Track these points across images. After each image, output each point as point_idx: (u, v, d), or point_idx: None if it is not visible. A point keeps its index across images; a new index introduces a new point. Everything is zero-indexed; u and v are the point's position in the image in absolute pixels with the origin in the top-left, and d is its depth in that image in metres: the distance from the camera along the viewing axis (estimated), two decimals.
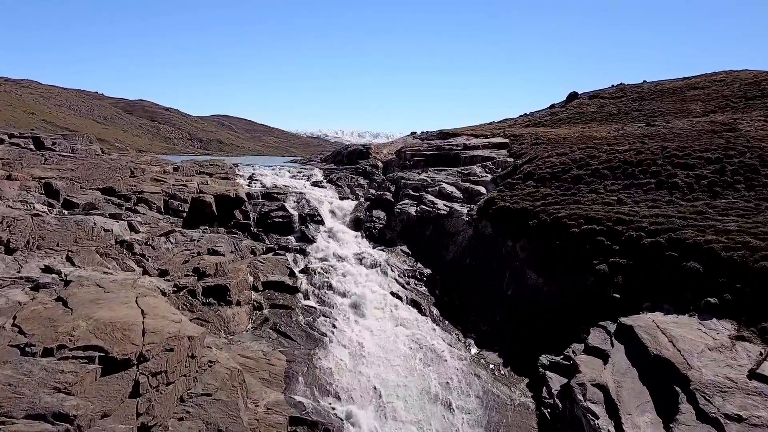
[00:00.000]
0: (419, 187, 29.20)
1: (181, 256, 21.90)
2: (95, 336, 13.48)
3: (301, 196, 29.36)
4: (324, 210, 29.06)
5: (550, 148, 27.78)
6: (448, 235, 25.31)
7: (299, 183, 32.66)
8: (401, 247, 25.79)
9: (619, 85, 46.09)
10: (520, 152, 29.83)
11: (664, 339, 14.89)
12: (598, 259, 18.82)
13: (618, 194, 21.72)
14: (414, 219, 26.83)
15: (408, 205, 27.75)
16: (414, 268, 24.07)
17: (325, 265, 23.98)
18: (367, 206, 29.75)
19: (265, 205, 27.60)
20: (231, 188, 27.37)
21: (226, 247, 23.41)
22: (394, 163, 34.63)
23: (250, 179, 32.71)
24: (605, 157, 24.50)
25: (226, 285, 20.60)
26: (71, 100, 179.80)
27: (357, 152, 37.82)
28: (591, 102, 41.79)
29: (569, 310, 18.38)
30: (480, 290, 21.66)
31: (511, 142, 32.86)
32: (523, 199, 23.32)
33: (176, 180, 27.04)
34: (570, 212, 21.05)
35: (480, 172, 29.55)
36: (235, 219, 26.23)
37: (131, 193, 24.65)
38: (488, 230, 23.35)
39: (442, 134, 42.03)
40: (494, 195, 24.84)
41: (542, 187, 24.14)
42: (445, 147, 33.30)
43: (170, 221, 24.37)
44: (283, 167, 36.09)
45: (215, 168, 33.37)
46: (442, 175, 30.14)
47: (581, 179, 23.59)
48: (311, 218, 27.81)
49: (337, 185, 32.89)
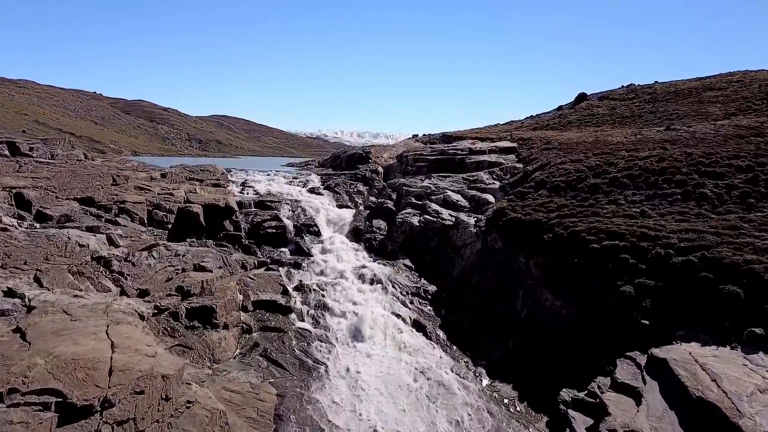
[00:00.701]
0: (422, 195, 27.38)
1: (164, 273, 20.07)
2: (53, 377, 11.67)
3: (296, 204, 27.55)
4: (321, 219, 27.24)
5: (563, 154, 25.96)
6: (455, 248, 23.48)
7: (295, 190, 30.85)
8: (404, 261, 23.97)
9: (629, 86, 44.29)
10: (529, 158, 28.01)
11: (705, 377, 13.06)
12: (622, 280, 17.01)
13: (641, 206, 19.90)
14: (417, 230, 25.01)
15: (410, 215, 25.94)
16: (418, 284, 22.24)
17: (321, 281, 22.16)
18: (367, 215, 27.93)
19: (258, 215, 25.77)
20: (221, 197, 25.54)
21: (213, 262, 21.59)
22: (396, 168, 32.80)
23: (243, 186, 30.92)
24: (624, 165, 22.68)
25: (212, 306, 18.78)
26: (68, 100, 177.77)
27: (356, 157, 35.98)
28: (601, 104, 39.97)
29: (591, 336, 16.57)
30: (490, 311, 19.84)
31: (519, 146, 31.05)
32: (536, 210, 21.50)
33: (162, 188, 25.21)
34: (589, 226, 19.24)
35: (487, 179, 27.73)
36: (224, 230, 24.40)
37: (112, 203, 22.82)
38: (498, 244, 21.53)
39: (445, 137, 40.22)
40: (504, 205, 23.02)
41: (556, 196, 22.32)
42: (449, 151, 31.47)
43: (154, 234, 22.53)
44: (278, 172, 34.28)
45: (206, 174, 31.57)
46: (447, 181, 28.33)
47: (599, 188, 21.77)
48: (307, 229, 25.99)
49: (335, 192, 31.07)
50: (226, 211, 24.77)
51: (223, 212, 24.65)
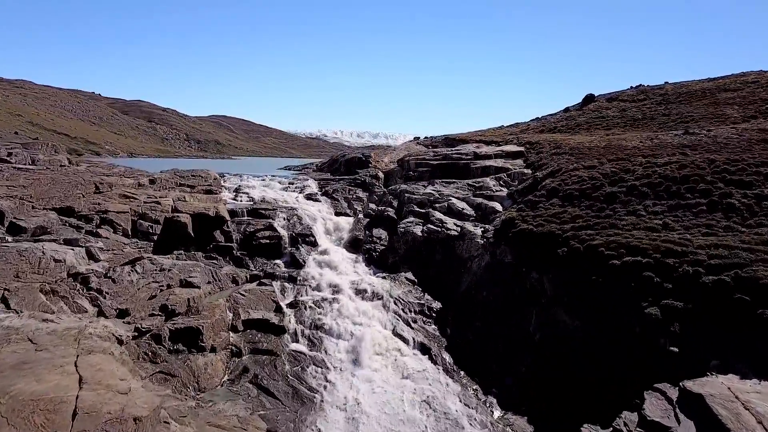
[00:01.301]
0: (425, 203, 25.87)
1: (147, 290, 18.56)
2: (8, 421, 10.14)
3: (292, 212, 26.02)
4: (318, 228, 25.72)
5: (575, 160, 24.46)
6: (460, 260, 21.98)
7: (291, 196, 29.32)
8: (406, 274, 22.45)
9: (638, 87, 42.79)
10: (539, 163, 26.50)
11: (749, 418, 11.56)
12: (646, 301, 15.52)
13: (663, 217, 18.40)
14: (420, 240, 23.50)
15: (413, 224, 24.42)
16: (421, 301, 20.73)
17: (317, 297, 20.65)
18: (367, 224, 26.42)
19: (251, 224, 24.24)
20: (211, 205, 24.01)
21: (202, 277, 20.08)
22: (397, 173, 31.29)
23: (236, 192, 29.41)
24: (642, 172, 21.18)
25: (198, 327, 17.29)
26: (65, 100, 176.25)
27: (356, 161, 34.45)
28: (610, 105, 38.49)
29: (614, 363, 15.07)
30: (501, 332, 18.34)
31: (527, 150, 29.54)
32: (549, 221, 20.00)
33: (149, 196, 23.69)
34: (607, 239, 17.75)
35: (494, 186, 26.22)
36: (215, 241, 22.88)
37: (94, 213, 21.30)
38: (508, 257, 20.02)
39: (448, 140, 38.74)
40: (513, 215, 21.51)
41: (570, 206, 20.82)
42: (453, 156, 29.96)
43: (138, 246, 21.02)
44: (273, 177, 32.77)
45: (198, 179, 30.04)
46: (451, 188, 26.81)
47: (616, 198, 20.27)
48: (303, 239, 24.47)
49: (333, 199, 29.55)
50: (217, 221, 23.25)
51: (213, 222, 23.13)
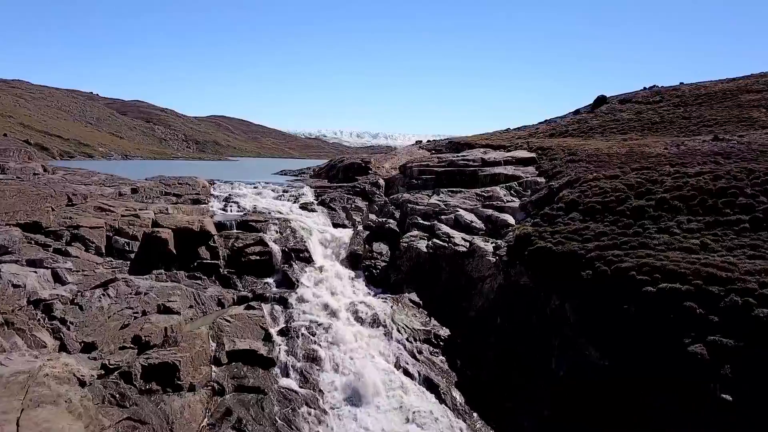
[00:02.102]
0: (430, 214, 23.79)
1: (119, 317, 16.48)
2: None
3: (285, 224, 23.94)
4: (313, 242, 23.65)
5: (594, 168, 22.41)
6: (470, 280, 19.90)
7: (285, 206, 27.25)
8: (409, 295, 20.38)
9: (652, 88, 40.77)
10: (553, 171, 24.43)
11: None
12: (689, 336, 13.45)
13: (700, 236, 16.34)
14: (425, 257, 21.43)
15: (417, 238, 22.34)
16: (427, 327, 18.66)
17: (311, 322, 18.57)
18: (367, 237, 24.33)
19: (240, 239, 22.15)
20: (196, 218, 21.91)
21: (182, 301, 18.01)
22: (398, 181, 29.22)
23: (226, 201, 27.33)
24: (672, 183, 19.13)
25: (175, 362, 15.20)
26: (62, 101, 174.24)
27: (354, 167, 32.38)
28: (624, 107, 36.46)
29: (653, 412, 12.98)
30: (518, 365, 16.27)
31: (538, 156, 27.47)
32: (569, 239, 17.94)
33: (127, 209, 21.58)
34: (638, 262, 15.68)
35: (504, 196, 24.14)
36: (199, 258, 20.79)
37: (64, 228, 19.21)
38: (524, 279, 17.95)
39: (452, 144, 36.66)
40: (528, 230, 19.43)
41: (592, 221, 18.75)
42: (459, 162, 27.89)
43: (112, 266, 18.94)
44: (267, 185, 30.68)
45: (185, 188, 27.95)
46: (458, 198, 24.73)
47: (644, 213, 18.20)
48: (297, 254, 22.40)
49: (331, 208, 27.48)
50: (202, 236, 21.16)
51: (197, 237, 21.04)
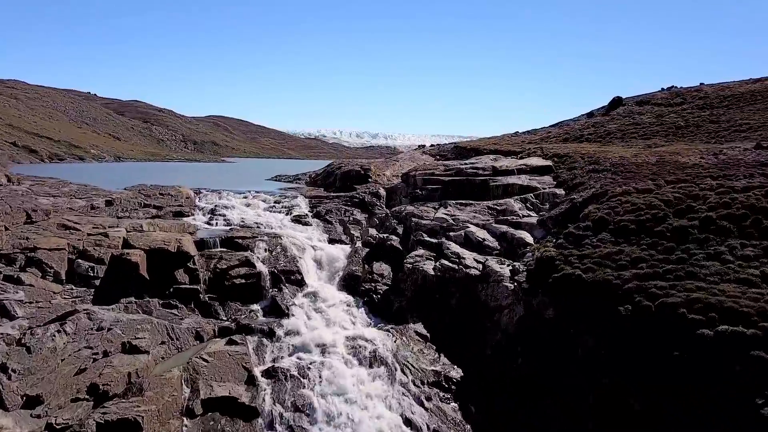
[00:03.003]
0: (437, 230, 21.31)
1: (74, 360, 14.00)
2: None
3: (275, 241, 21.46)
4: (306, 262, 21.19)
5: (622, 180, 19.94)
6: (485, 310, 17.43)
7: (276, 218, 24.77)
8: (415, 327, 17.91)
9: (670, 89, 38.32)
10: (573, 182, 21.95)
11: None
12: (762, 396, 10.97)
13: (760, 265, 13.87)
14: (432, 280, 18.96)
15: (423, 259, 19.87)
16: (437, 366, 16.18)
17: (302, 360, 16.13)
18: (366, 255, 21.85)
19: (223, 259, 19.66)
20: (174, 237, 19.39)
21: (153, 337, 15.53)
22: (401, 190, 26.72)
23: (211, 214, 24.84)
24: (717, 200, 16.66)
25: (137, 418, 12.74)
26: (58, 101, 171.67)
27: (353, 174, 29.88)
28: (643, 110, 34.01)
29: None
30: (545, 415, 13.78)
31: (555, 164, 24.98)
32: (601, 265, 15.46)
33: (95, 226, 19.08)
34: (688, 296, 13.23)
35: (520, 210, 21.66)
36: (176, 283, 18.29)
37: (18, 251, 16.71)
38: (549, 312, 15.48)
39: (458, 150, 34.18)
40: (551, 252, 16.95)
41: (626, 243, 16.27)
42: (467, 170, 25.40)
43: (73, 295, 16.46)
44: (257, 194, 28.15)
45: (166, 199, 25.46)
46: (468, 212, 22.25)
47: (688, 234, 15.72)
48: (287, 277, 19.94)
49: (327, 221, 24.99)
50: (179, 258, 18.66)
51: (174, 259, 18.55)
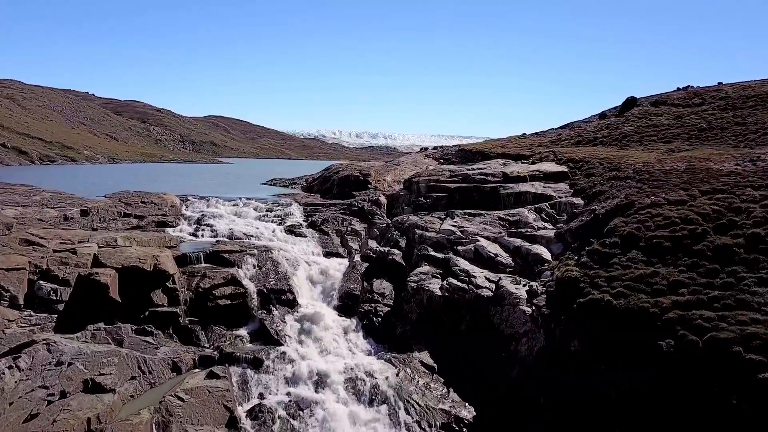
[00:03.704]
0: (443, 244, 19.36)
1: (24, 405, 12.04)
2: None
3: (266, 255, 19.53)
4: (299, 279, 19.24)
5: (648, 189, 17.98)
6: (500, 337, 15.47)
7: (267, 229, 22.81)
8: (420, 355, 15.95)
9: (686, 88, 36.36)
10: (592, 190, 19.99)
11: None
12: None
13: None
14: (439, 302, 17.01)
15: (428, 276, 17.91)
16: (445, 406, 14.21)
17: (292, 397, 14.16)
18: (366, 271, 19.88)
19: (207, 277, 17.70)
20: (151, 253, 17.41)
21: (120, 372, 13.57)
22: (403, 198, 24.75)
23: (197, 224, 22.89)
24: (762, 213, 14.69)
25: None
26: (55, 101, 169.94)
27: (351, 180, 27.92)
28: (659, 111, 32.07)
29: None
30: None
31: (571, 170, 23.01)
32: (634, 290, 13.50)
33: (63, 241, 17.10)
34: (742, 331, 11.29)
35: (534, 221, 19.70)
36: (153, 306, 16.33)
37: None
38: (575, 344, 13.51)
39: (463, 153, 32.20)
40: (573, 272, 14.98)
41: (661, 264, 14.30)
42: (475, 177, 23.43)
43: (32, 322, 14.50)
44: (249, 201, 26.13)
45: (149, 207, 23.50)
46: (477, 222, 20.29)
47: (732, 254, 13.75)
48: (278, 296, 17.98)
49: (323, 232, 23.05)
50: (157, 277, 16.70)
51: (151, 279, 16.58)
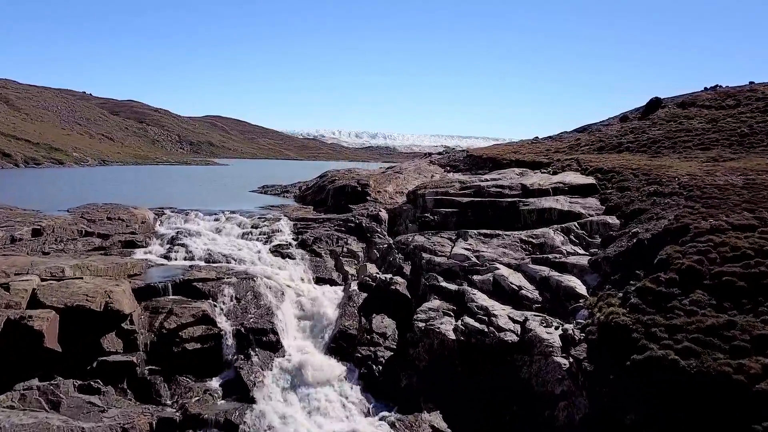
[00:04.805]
0: (456, 272, 16.39)
1: None
2: None
3: (246, 284, 16.59)
4: (285, 314, 16.29)
5: (703, 208, 15.03)
6: (531, 397, 12.48)
7: (251, 249, 19.84)
8: (430, 417, 12.97)
9: (714, 88, 33.38)
10: (629, 208, 17.00)
11: None
12: None
13: None
14: (453, 347, 14.03)
15: (439, 315, 14.92)
16: None
17: None
18: (364, 303, 16.90)
19: (174, 314, 14.73)
20: (102, 288, 14.36)
21: None
22: (407, 213, 21.74)
23: (171, 243, 19.91)
24: None
25: None
26: (50, 101, 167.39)
27: (348, 191, 24.92)
28: (689, 113, 29.10)
29: None
30: None
31: (600, 183, 20.02)
32: (707, 345, 10.55)
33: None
34: None
35: (562, 244, 16.72)
36: (103, 354, 13.36)
37: None
38: (630, 417, 10.54)
39: (471, 159, 29.20)
40: (622, 317, 12.00)
41: (737, 310, 11.35)
42: (490, 190, 20.44)
43: None
44: (233, 215, 23.07)
45: (116, 225, 20.49)
46: (494, 245, 17.31)
47: None
48: (259, 337, 15.03)
49: (315, 253, 20.08)
50: (109, 319, 13.71)
51: (101, 321, 13.60)
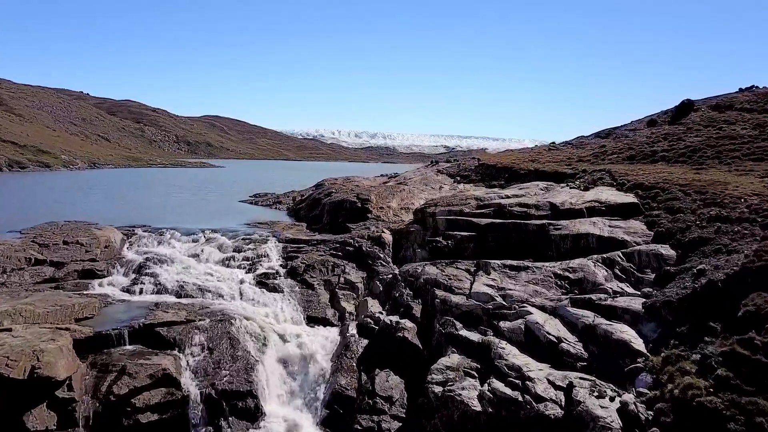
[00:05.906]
0: (479, 317, 13.35)
1: None
2: None
3: (221, 327, 13.58)
4: (268, 366, 13.26)
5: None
6: None
7: (232, 279, 16.84)
8: None
9: (751, 89, 30.41)
10: (687, 236, 13.96)
11: None
12: None
13: None
14: (478, 421, 11.00)
15: (459, 376, 11.88)
16: None
17: None
18: (364, 352, 13.86)
19: (126, 374, 11.71)
20: (32, 347, 11.28)
21: None
22: (415, 236, 18.66)
23: (138, 272, 16.91)
24: None
25: None
26: (45, 100, 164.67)
27: (347, 207, 21.87)
28: (728, 117, 26.08)
29: None
30: None
31: (642, 201, 16.98)
32: None
33: None
34: None
35: (605, 280, 13.66)
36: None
37: None
38: None
39: (483, 168, 26.15)
40: (706, 394, 8.99)
41: None
42: (513, 209, 17.37)
43: None
44: (213, 236, 19.96)
45: (73, 250, 17.50)
46: (523, 281, 14.27)
47: None
48: (233, 402, 11.99)
49: (306, 283, 17.04)
50: (38, 387, 10.67)
51: (28, 390, 10.56)
